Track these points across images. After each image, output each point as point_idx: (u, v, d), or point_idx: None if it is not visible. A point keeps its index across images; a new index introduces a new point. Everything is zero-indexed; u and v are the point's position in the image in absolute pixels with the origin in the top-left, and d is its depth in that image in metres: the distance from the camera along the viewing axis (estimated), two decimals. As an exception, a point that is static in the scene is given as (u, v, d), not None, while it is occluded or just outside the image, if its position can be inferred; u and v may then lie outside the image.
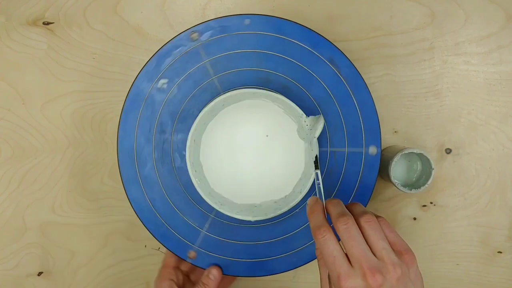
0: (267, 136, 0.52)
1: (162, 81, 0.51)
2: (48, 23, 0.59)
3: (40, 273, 0.60)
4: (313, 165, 0.48)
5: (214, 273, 0.52)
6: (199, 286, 0.51)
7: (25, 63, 0.59)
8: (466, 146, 0.59)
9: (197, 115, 0.48)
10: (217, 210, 0.49)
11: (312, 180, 0.48)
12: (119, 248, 0.60)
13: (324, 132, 0.51)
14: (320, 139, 0.50)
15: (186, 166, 0.48)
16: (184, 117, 0.51)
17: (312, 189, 0.49)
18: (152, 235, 0.52)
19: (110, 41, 0.59)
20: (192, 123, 0.48)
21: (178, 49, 0.50)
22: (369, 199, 0.52)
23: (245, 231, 0.52)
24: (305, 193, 0.49)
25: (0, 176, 0.59)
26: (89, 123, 0.59)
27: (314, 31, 0.51)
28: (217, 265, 0.52)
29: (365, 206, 0.51)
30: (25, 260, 0.60)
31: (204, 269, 0.52)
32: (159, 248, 0.60)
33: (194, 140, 0.49)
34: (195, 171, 0.49)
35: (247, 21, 0.50)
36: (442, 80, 0.59)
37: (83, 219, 0.60)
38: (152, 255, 0.60)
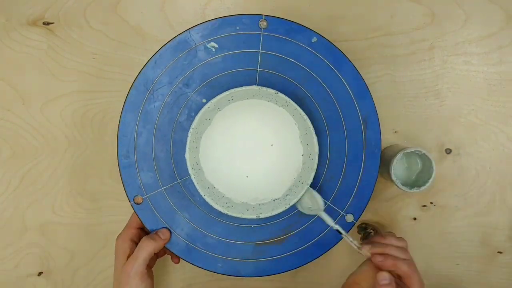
0: (271, 145, 0.52)
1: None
2: (48, 23, 0.59)
3: (40, 273, 0.60)
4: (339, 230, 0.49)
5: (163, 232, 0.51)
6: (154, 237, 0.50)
7: (25, 63, 0.59)
8: (466, 146, 0.59)
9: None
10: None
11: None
12: (119, 248, 0.60)
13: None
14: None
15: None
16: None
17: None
18: (152, 235, 0.52)
19: (110, 41, 0.59)
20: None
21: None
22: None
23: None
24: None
25: (0, 176, 0.59)
26: (89, 123, 0.59)
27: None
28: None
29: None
30: (25, 260, 0.60)
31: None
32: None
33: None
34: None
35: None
36: (442, 80, 0.59)
37: (83, 219, 0.60)
38: (152, 255, 0.60)
